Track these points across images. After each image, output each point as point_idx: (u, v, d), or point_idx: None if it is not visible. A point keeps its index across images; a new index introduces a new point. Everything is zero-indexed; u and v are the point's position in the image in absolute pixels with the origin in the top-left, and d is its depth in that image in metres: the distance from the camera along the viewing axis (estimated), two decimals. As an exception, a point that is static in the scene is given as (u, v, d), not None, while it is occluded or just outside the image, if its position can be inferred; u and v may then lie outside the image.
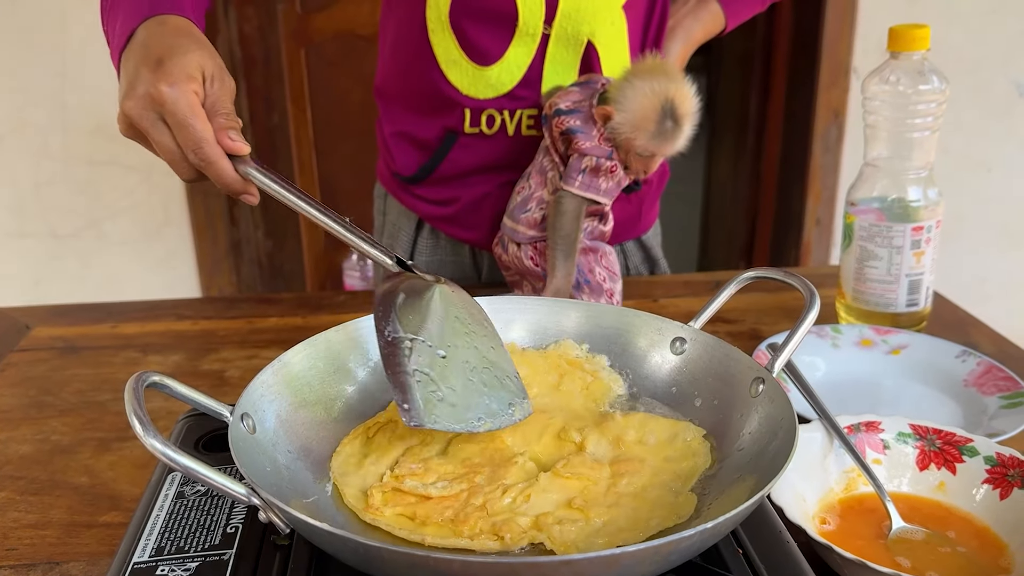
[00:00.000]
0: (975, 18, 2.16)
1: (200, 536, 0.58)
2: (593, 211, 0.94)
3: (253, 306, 1.10)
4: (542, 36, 0.99)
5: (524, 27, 0.98)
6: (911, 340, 0.91)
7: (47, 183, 2.19)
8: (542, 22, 0.98)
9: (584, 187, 0.91)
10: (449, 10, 0.98)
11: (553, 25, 0.98)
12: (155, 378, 0.54)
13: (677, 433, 0.63)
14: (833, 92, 2.23)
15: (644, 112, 0.87)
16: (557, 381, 0.70)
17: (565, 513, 0.55)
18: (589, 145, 0.90)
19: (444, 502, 0.57)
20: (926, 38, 0.89)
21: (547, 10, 0.97)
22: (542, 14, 0.97)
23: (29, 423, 0.84)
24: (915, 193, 0.92)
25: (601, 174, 0.91)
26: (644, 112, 0.87)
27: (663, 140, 0.89)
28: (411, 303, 0.64)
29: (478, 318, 0.68)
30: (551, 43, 1.00)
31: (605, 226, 0.96)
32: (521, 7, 0.96)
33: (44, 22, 2.06)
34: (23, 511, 0.71)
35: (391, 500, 0.57)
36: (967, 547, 0.62)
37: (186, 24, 0.75)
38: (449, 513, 0.55)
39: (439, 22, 0.99)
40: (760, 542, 0.56)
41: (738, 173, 2.82)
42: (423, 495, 0.57)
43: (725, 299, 0.70)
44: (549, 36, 0.99)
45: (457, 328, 0.65)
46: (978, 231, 2.31)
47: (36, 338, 1.02)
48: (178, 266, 2.30)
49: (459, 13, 0.98)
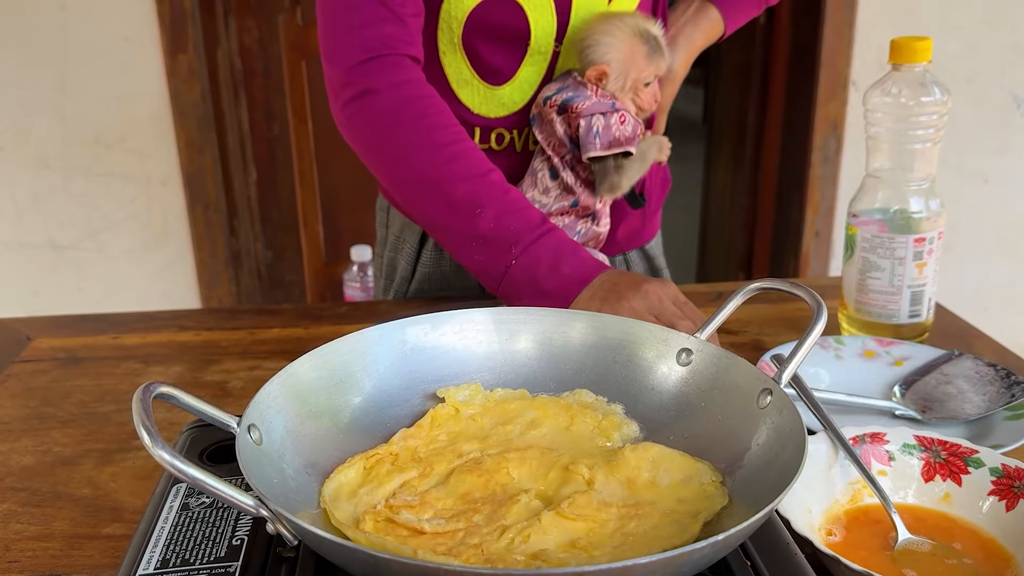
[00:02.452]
0: (972, 30, 2.17)
1: (205, 548, 0.58)
2: (585, 211, 0.94)
3: (254, 317, 1.10)
4: (552, 53, 0.99)
5: (536, 45, 0.98)
6: (914, 351, 0.91)
7: (46, 194, 2.19)
8: (553, 39, 0.98)
9: (606, 146, 0.93)
10: (462, 32, 0.98)
11: (563, 42, 0.99)
12: (163, 389, 0.54)
13: (693, 475, 0.61)
14: (831, 104, 2.24)
15: (629, 46, 0.94)
16: (568, 423, 0.68)
17: (567, 553, 0.53)
18: (589, 104, 0.93)
19: (438, 538, 0.54)
20: (928, 50, 0.89)
21: (558, 27, 0.98)
22: (554, 31, 0.98)
23: (31, 434, 0.83)
24: (917, 204, 0.92)
25: (614, 127, 0.93)
26: (629, 46, 0.94)
27: (657, 59, 0.96)
28: None
29: None
30: (560, 60, 1.00)
31: (599, 227, 0.96)
32: (534, 26, 0.97)
33: (44, 34, 2.06)
34: (25, 523, 0.70)
35: (382, 530, 0.55)
36: (973, 559, 0.62)
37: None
38: (443, 549, 0.53)
39: (451, 44, 0.99)
40: (768, 554, 0.55)
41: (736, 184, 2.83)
42: (416, 528, 0.55)
43: (731, 310, 0.70)
44: (559, 53, 1.00)
45: None
46: (975, 242, 2.32)
47: (37, 349, 1.02)
48: (177, 277, 2.30)
49: (472, 34, 0.98)
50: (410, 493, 0.59)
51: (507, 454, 0.63)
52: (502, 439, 0.66)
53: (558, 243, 0.88)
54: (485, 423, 0.68)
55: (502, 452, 0.63)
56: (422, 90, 0.92)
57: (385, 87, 0.90)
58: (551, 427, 0.68)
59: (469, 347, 0.73)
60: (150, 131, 2.16)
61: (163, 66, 2.11)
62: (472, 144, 0.92)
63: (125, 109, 2.14)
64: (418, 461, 0.63)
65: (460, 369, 0.72)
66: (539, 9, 0.96)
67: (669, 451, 0.63)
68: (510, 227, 0.88)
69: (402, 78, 0.90)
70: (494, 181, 0.90)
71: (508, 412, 0.69)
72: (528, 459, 0.62)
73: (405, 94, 0.91)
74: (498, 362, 0.73)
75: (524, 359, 0.74)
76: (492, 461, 0.62)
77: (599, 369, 0.72)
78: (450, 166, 0.89)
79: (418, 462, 0.63)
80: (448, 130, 0.91)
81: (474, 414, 0.69)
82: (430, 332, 0.73)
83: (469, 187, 0.89)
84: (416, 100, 0.91)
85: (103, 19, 2.07)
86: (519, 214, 0.89)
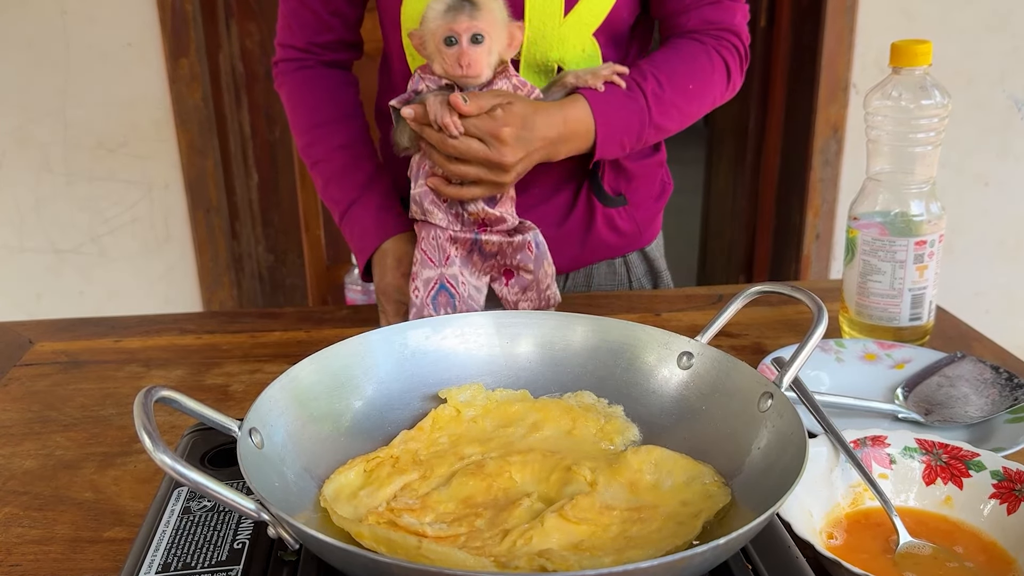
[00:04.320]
0: (972, 34, 2.18)
1: (207, 552, 0.58)
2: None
3: (255, 320, 1.10)
4: (511, 62, 0.99)
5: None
6: (915, 354, 0.91)
7: (48, 198, 2.19)
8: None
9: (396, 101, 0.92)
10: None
11: (521, 51, 0.98)
12: (164, 393, 0.54)
13: (695, 477, 0.61)
14: (832, 107, 2.25)
15: (429, 6, 0.87)
16: (570, 426, 0.68)
17: (570, 553, 0.53)
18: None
19: (440, 542, 0.54)
20: (928, 53, 0.89)
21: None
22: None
23: (32, 438, 0.83)
24: (917, 207, 0.92)
25: (410, 86, 0.92)
26: (429, 6, 0.87)
27: (456, 15, 0.86)
28: None
29: None
30: (520, 70, 0.99)
31: (494, 208, 0.92)
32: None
33: (47, 38, 2.07)
34: (27, 527, 0.70)
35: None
36: (975, 562, 0.62)
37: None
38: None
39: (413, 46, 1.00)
40: (769, 558, 0.55)
41: (737, 187, 2.83)
42: (418, 532, 0.55)
43: (732, 313, 0.70)
44: (519, 63, 0.99)
45: None
46: (975, 245, 2.32)
47: (39, 352, 1.02)
48: (179, 281, 2.30)
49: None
50: (411, 496, 0.59)
51: (509, 457, 0.63)
52: (504, 442, 0.66)
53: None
54: (486, 426, 0.68)
55: (504, 455, 0.63)
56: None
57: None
58: (553, 430, 0.68)
59: (470, 351, 0.73)
60: (152, 135, 2.17)
61: (165, 70, 2.11)
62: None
63: (127, 113, 2.14)
64: (419, 464, 0.63)
65: (461, 373, 0.72)
66: None
67: (671, 454, 0.63)
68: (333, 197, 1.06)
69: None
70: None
71: (510, 415, 0.69)
72: (530, 462, 0.62)
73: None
74: (499, 365, 0.73)
75: (525, 362, 0.74)
76: (494, 464, 0.62)
77: (600, 372, 0.72)
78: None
79: (419, 464, 0.63)
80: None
81: (475, 416, 0.69)
82: (431, 336, 0.73)
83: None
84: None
85: (105, 24, 2.07)
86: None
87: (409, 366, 0.71)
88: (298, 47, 1.08)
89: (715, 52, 1.02)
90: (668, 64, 1.00)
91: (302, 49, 1.08)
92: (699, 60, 1.01)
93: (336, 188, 1.05)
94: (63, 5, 2.04)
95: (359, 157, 1.05)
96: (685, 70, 1.00)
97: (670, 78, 0.98)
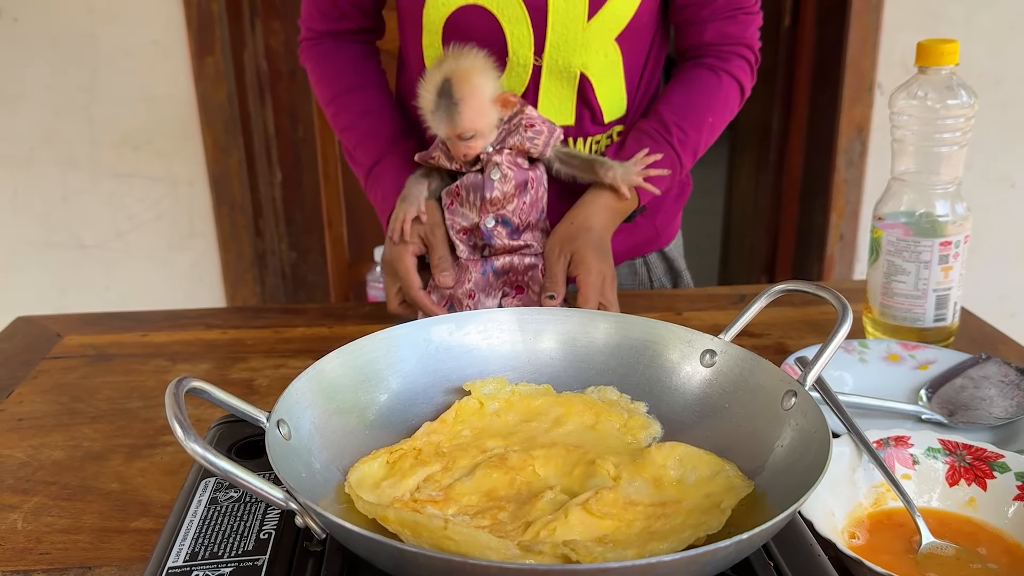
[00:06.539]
0: (997, 34, 2.15)
1: (234, 541, 0.59)
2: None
3: (279, 316, 1.11)
4: (533, 68, 0.99)
5: (514, 58, 0.98)
6: (939, 355, 0.90)
7: (74, 194, 2.22)
8: (532, 53, 0.98)
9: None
10: (441, 40, 0.99)
11: (544, 57, 0.98)
12: (195, 383, 0.54)
13: (719, 471, 0.61)
14: (857, 107, 2.23)
15: (424, 95, 0.90)
16: (593, 421, 0.68)
17: (594, 545, 0.53)
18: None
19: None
20: (955, 53, 0.89)
21: (536, 41, 0.97)
22: (531, 44, 0.97)
23: (61, 430, 0.85)
24: (943, 208, 0.92)
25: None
26: (424, 95, 0.90)
27: (441, 119, 0.89)
28: None
29: None
30: (543, 75, 1.00)
31: (519, 239, 0.95)
32: (510, 37, 0.97)
33: (73, 36, 2.09)
34: (56, 516, 0.72)
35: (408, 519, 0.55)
36: (998, 563, 0.61)
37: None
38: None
39: (434, 48, 1.00)
40: (791, 556, 0.56)
41: (760, 187, 2.82)
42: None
43: (756, 312, 0.70)
44: (541, 68, 0.99)
45: None
46: (1002, 246, 2.29)
47: (67, 346, 1.03)
48: (203, 277, 2.32)
49: (451, 42, 0.97)
50: (434, 487, 0.60)
51: (532, 451, 0.63)
52: (527, 436, 0.66)
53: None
54: (509, 419, 0.69)
55: (527, 449, 0.64)
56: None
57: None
58: (576, 425, 0.68)
59: (493, 346, 0.74)
60: (177, 133, 2.19)
61: (190, 68, 2.13)
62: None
63: (152, 111, 2.16)
64: (441, 455, 0.64)
65: (485, 368, 0.73)
66: (513, 21, 0.96)
67: (695, 450, 0.63)
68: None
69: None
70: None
71: (533, 409, 0.70)
72: (554, 456, 0.62)
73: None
74: (522, 361, 0.74)
75: (548, 359, 0.74)
76: (518, 458, 0.62)
77: (623, 369, 0.73)
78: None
79: (441, 456, 0.63)
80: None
81: (498, 409, 0.69)
82: (455, 331, 0.73)
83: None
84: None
85: (132, 22, 2.09)
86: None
87: (433, 361, 0.72)
88: (318, 30, 1.10)
89: (726, 75, 1.04)
90: (686, 104, 1.03)
91: (323, 32, 1.10)
92: (712, 89, 1.04)
93: (361, 153, 1.07)
94: (89, 3, 2.07)
95: (382, 121, 1.06)
96: (703, 104, 1.03)
97: (691, 120, 1.02)
